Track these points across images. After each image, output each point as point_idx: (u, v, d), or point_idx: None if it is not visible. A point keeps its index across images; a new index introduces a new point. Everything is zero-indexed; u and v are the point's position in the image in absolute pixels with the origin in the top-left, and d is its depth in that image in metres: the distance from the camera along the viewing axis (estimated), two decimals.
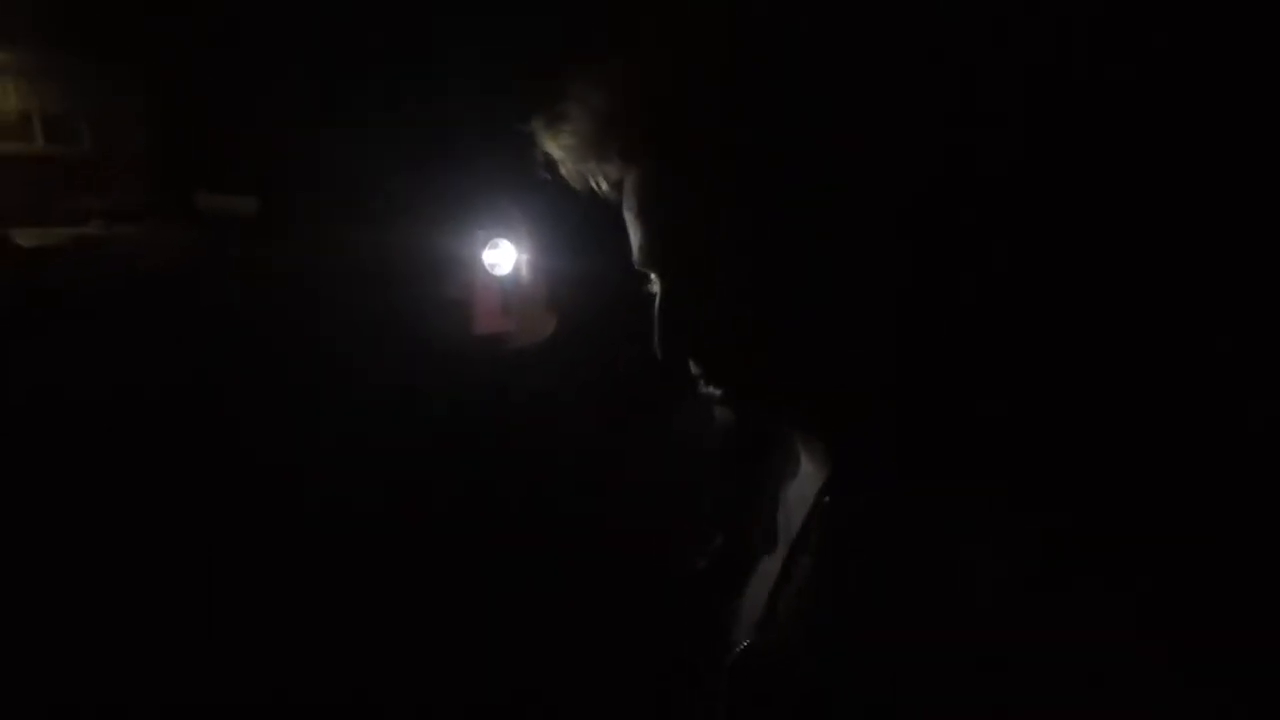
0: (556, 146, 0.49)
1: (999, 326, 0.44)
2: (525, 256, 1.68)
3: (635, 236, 0.49)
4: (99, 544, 1.80)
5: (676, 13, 0.45)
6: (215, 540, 1.95)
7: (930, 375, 0.45)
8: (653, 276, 0.51)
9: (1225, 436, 0.41)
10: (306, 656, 1.74)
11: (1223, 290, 0.43)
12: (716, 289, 0.46)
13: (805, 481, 0.55)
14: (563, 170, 0.51)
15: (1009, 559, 0.39)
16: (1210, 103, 0.43)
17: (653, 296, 0.50)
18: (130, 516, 1.81)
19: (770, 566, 0.55)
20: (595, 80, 0.46)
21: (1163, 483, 0.40)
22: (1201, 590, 0.36)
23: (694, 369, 0.50)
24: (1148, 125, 0.43)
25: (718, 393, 0.50)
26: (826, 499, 0.50)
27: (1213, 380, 0.42)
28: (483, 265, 1.68)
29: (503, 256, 1.69)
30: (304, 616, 1.81)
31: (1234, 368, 0.42)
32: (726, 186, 0.44)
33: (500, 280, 1.68)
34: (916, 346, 0.45)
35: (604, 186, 0.50)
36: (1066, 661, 0.35)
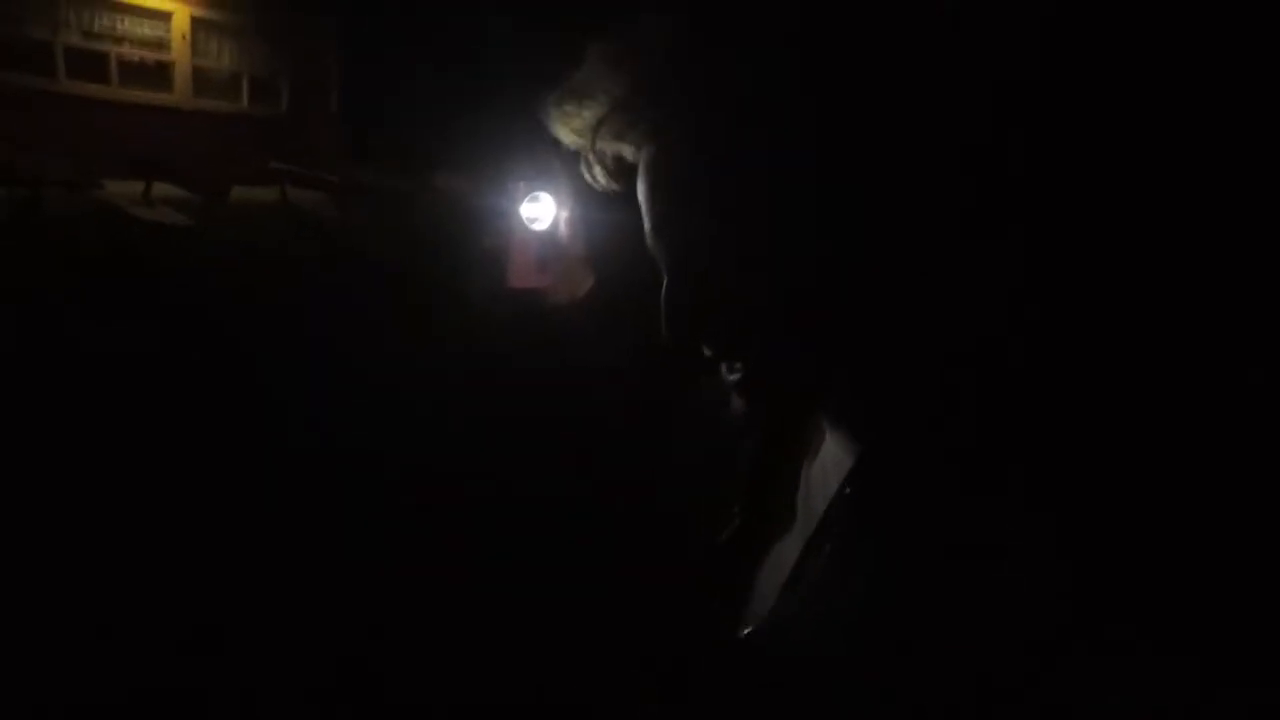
0: (568, 131, 0.49)
1: (1034, 340, 0.42)
2: (565, 212, 1.64)
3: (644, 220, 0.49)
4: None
5: (662, 11, 0.44)
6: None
7: (965, 385, 0.43)
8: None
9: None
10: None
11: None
12: (710, 289, 0.46)
13: (828, 462, 0.55)
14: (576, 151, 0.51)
15: (1040, 602, 0.37)
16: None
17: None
18: None
19: (788, 547, 0.55)
20: (609, 63, 0.45)
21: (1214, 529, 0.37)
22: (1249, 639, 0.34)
23: (706, 352, 0.50)
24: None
25: (732, 377, 0.49)
26: (848, 490, 0.49)
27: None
28: (521, 219, 1.64)
29: (542, 211, 1.65)
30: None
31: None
32: (712, 194, 0.43)
33: (539, 235, 1.64)
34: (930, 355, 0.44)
35: (602, 179, 0.50)
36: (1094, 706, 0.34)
